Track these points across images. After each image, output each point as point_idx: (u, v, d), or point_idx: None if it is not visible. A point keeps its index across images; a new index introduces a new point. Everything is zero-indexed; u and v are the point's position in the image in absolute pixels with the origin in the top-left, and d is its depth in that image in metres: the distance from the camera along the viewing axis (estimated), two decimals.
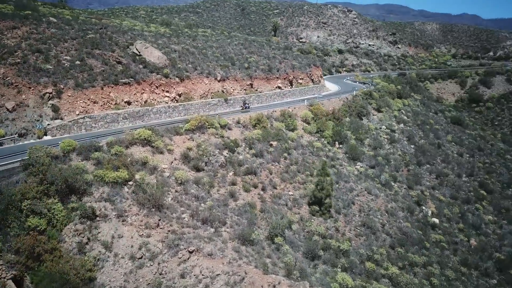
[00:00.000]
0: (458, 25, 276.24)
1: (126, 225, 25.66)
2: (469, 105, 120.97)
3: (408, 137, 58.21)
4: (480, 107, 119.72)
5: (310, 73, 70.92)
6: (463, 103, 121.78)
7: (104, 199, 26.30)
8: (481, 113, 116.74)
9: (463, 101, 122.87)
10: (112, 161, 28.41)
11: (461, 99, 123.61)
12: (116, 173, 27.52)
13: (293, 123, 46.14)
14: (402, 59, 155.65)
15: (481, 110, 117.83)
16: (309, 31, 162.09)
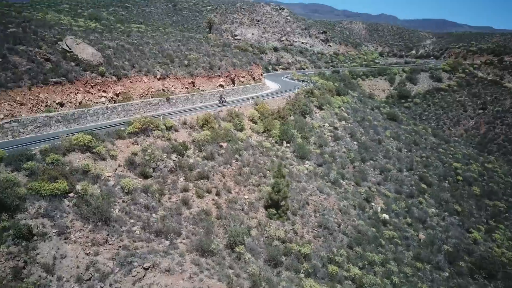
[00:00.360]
0: (382, 24, 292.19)
1: (70, 243, 22.87)
2: (398, 101, 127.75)
3: (351, 134, 59.48)
4: (408, 102, 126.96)
5: (251, 71, 70.17)
6: (393, 99, 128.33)
7: (41, 215, 23.22)
8: (410, 108, 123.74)
9: (393, 97, 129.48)
10: (49, 171, 25.26)
11: (391, 95, 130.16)
12: (54, 185, 24.49)
13: (240, 123, 44.94)
14: (335, 57, 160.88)
15: (410, 105, 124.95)
16: (244, 29, 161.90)
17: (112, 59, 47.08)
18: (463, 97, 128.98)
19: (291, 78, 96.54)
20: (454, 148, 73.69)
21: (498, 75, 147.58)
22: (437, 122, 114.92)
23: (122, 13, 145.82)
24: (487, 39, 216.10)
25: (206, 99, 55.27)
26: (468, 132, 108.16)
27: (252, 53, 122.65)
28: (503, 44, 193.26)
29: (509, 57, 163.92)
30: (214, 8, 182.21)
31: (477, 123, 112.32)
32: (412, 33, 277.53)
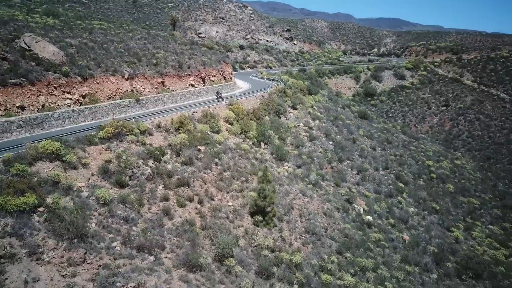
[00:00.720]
0: (344, 23, 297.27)
1: (43, 264, 20.52)
2: (365, 98, 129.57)
3: (325, 133, 59.04)
4: (374, 100, 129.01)
5: (221, 70, 68.42)
6: (360, 97, 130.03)
7: (8, 233, 20.74)
8: (376, 106, 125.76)
9: (359, 95, 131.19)
10: (14, 184, 22.71)
11: (357, 93, 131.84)
12: (21, 199, 22.04)
13: (217, 124, 43.24)
14: (300, 55, 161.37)
15: (376, 103, 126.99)
16: (208, 26, 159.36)
17: (76, 58, 44.12)
18: (426, 95, 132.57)
19: (260, 77, 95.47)
20: (424, 145, 75.04)
21: (457, 73, 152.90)
22: (403, 119, 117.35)
23: (79, 9, 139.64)
24: (444, 38, 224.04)
25: (177, 100, 53.10)
26: (433, 129, 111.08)
27: (218, 51, 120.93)
28: (459, 43, 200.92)
29: (466, 55, 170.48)
30: (176, 5, 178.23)
31: (441, 120, 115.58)
32: (372, 32, 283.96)
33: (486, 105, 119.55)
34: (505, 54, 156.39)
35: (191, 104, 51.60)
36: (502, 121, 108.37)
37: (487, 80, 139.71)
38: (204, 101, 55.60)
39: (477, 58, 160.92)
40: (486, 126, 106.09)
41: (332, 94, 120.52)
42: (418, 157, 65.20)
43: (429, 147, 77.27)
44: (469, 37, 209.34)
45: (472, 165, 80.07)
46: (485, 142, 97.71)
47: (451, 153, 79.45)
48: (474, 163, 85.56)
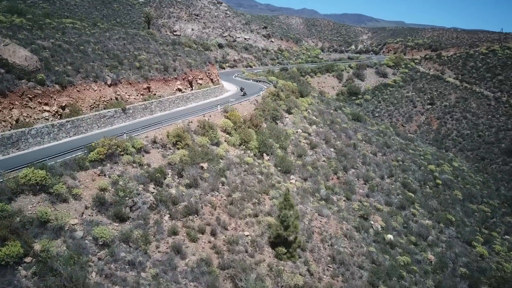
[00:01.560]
0: (319, 20, 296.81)
1: None
2: (349, 97, 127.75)
3: (325, 139, 55.96)
4: (359, 99, 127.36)
5: (208, 72, 64.24)
6: (344, 96, 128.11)
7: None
8: (361, 105, 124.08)
9: (343, 94, 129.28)
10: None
11: (341, 92, 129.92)
12: (2, 250, 17.69)
13: (216, 136, 39.26)
14: (280, 53, 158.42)
15: (361, 102, 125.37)
16: (182, 24, 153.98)
17: (51, 63, 39.16)
18: (410, 93, 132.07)
19: (244, 77, 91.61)
20: (420, 148, 73.26)
21: (438, 70, 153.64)
22: (390, 118, 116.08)
23: (43, 6, 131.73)
24: (420, 35, 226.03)
25: (166, 107, 48.69)
26: (421, 128, 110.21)
27: (197, 50, 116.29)
28: (437, 40, 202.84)
29: (445, 52, 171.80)
30: (147, 1, 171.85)
31: (428, 119, 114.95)
32: (348, 28, 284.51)
33: (471, 103, 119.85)
34: (483, 50, 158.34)
35: (181, 112, 47.31)
36: (489, 119, 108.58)
37: (469, 77, 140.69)
38: (194, 107, 51.42)
39: (456, 55, 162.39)
40: (474, 125, 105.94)
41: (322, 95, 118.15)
42: (419, 161, 63.08)
43: (425, 149, 75.63)
44: (445, 34, 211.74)
45: (467, 166, 78.98)
46: (475, 142, 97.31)
47: (444, 154, 78.01)
48: (469, 164, 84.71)
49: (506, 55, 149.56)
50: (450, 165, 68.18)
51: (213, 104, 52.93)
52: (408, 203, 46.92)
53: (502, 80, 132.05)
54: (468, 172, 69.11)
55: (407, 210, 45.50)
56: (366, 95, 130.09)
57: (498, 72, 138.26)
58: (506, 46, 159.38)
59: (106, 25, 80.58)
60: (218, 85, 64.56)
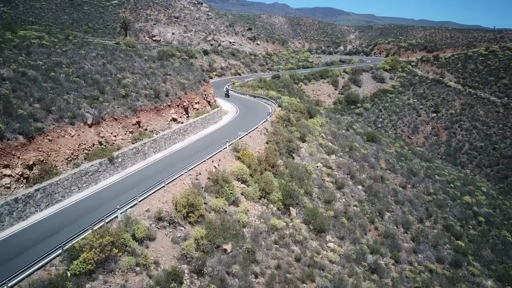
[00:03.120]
0: (303, 18, 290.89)
1: None
2: (348, 106, 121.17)
3: (349, 173, 48.57)
4: (358, 108, 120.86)
5: (205, 94, 55.95)
6: (342, 105, 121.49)
7: None
8: (362, 115, 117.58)
9: (341, 103, 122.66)
10: None
11: (338, 101, 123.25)
12: None
13: (232, 192, 31.23)
14: (268, 58, 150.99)
15: (361, 111, 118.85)
16: (162, 27, 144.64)
17: (12, 102, 30.37)
18: (411, 99, 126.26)
19: (239, 91, 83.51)
20: (444, 171, 66.67)
21: (437, 73, 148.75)
22: (394, 129, 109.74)
23: (4, 10, 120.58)
24: (411, 34, 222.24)
25: (161, 146, 40.30)
26: (429, 140, 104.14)
27: (181, 58, 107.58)
28: (431, 39, 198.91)
29: (442, 53, 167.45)
30: (121, 2, 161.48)
31: (434, 129, 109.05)
32: (333, 27, 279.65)
33: (479, 110, 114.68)
34: (483, 51, 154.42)
35: (181, 153, 39.05)
36: (501, 128, 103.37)
37: (471, 81, 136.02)
38: (195, 143, 43.15)
39: (454, 56, 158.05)
40: (486, 136, 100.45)
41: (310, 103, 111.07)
42: (451, 192, 56.29)
43: (448, 170, 69.22)
44: (438, 33, 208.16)
45: (493, 188, 72.92)
46: (492, 156, 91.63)
47: (472, 178, 71.64)
48: (492, 183, 78.78)
49: (507, 56, 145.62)
50: (481, 192, 61.76)
51: (217, 137, 44.81)
52: (461, 257, 39.73)
53: (507, 84, 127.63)
54: (500, 198, 62.91)
55: (464, 270, 38.28)
56: (366, 103, 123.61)
57: (502, 75, 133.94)
58: (505, 46, 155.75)
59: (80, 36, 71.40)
60: (216, 108, 56.31)
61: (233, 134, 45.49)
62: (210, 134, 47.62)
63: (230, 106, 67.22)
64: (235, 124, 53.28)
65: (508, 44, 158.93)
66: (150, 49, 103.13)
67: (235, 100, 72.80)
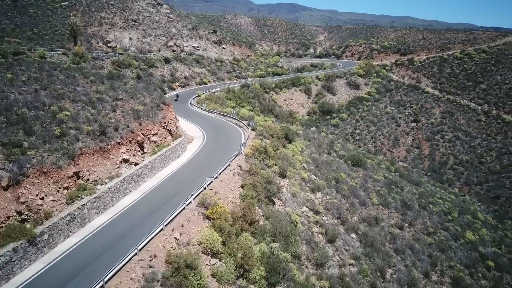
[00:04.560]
0: (270, 19, 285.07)
1: None
2: (323, 117, 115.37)
3: (340, 217, 41.94)
4: (334, 118, 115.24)
5: (164, 121, 47.95)
6: (316, 116, 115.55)
7: None
8: (338, 126, 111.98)
9: (315, 113, 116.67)
10: None
11: (312, 111, 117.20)
12: None
13: (200, 282, 23.59)
14: (236, 64, 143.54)
15: (337, 122, 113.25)
16: (118, 32, 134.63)
17: None
18: (389, 107, 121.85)
19: (206, 109, 75.72)
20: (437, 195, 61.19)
21: (413, 78, 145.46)
22: (373, 142, 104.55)
23: None
24: (383, 35, 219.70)
25: (106, 203, 32.10)
26: (411, 153, 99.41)
27: (139, 68, 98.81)
28: (403, 41, 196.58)
29: (416, 56, 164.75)
30: (72, 4, 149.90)
31: (416, 140, 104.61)
32: (302, 28, 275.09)
33: (459, 119, 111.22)
34: (458, 54, 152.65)
35: (132, 213, 31.04)
36: (484, 139, 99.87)
37: (449, 86, 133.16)
38: (151, 192, 35.16)
39: (429, 59, 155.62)
40: (470, 148, 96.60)
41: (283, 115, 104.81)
42: (450, 228, 50.58)
43: (439, 193, 63.99)
44: (410, 34, 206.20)
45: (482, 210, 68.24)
46: (480, 171, 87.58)
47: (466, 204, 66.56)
48: (485, 205, 74.32)
49: (484, 59, 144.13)
50: (479, 222, 56.63)
51: (179, 182, 37.04)
52: None
53: (486, 89, 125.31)
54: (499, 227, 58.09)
55: None
56: (341, 113, 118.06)
57: (479, 79, 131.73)
58: (480, 49, 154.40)
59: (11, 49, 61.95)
60: (179, 139, 48.33)
61: (200, 174, 38.20)
62: (171, 176, 39.72)
63: (196, 129, 59.44)
64: (201, 159, 45.63)
65: (482, 46, 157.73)
66: (103, 59, 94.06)
67: (201, 121, 65.03)
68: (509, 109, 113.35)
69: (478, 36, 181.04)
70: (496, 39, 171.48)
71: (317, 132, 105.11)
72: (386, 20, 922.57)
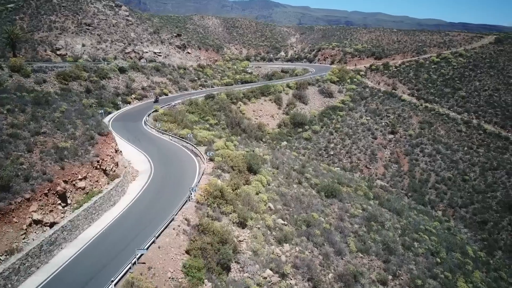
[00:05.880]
0: (239, 20, 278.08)
1: None
2: (294, 130, 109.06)
3: (310, 278, 35.19)
4: (306, 131, 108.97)
5: (97, 159, 40.07)
6: (288, 128, 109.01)
7: None
8: (311, 140, 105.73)
9: (286, 125, 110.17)
10: None
11: (283, 123, 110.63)
12: None
13: None
14: (201, 71, 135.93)
15: (309, 135, 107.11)
16: (69, 38, 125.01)
17: None
18: (364, 117, 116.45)
19: (161, 130, 68.03)
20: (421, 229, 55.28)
21: (389, 84, 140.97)
22: (349, 157, 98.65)
23: None
24: (356, 37, 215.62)
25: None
26: (389, 170, 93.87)
27: (89, 81, 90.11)
28: (377, 44, 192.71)
29: (392, 60, 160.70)
30: (19, 6, 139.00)
31: (393, 154, 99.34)
32: (272, 29, 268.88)
33: (439, 129, 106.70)
34: (434, 58, 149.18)
35: None
36: (467, 152, 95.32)
37: (426, 93, 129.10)
38: (68, 266, 27.38)
39: (405, 64, 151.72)
40: (452, 163, 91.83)
41: (251, 131, 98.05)
42: (440, 275, 44.51)
43: (425, 224, 58.23)
44: (384, 36, 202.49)
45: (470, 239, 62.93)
46: (464, 191, 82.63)
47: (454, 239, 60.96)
48: (471, 233, 69.17)
49: (461, 64, 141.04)
50: (470, 260, 51.05)
51: (106, 251, 29.39)
52: None
53: (465, 96, 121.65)
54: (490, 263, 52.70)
55: None
56: (314, 124, 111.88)
57: (458, 86, 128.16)
58: (457, 52, 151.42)
59: None
60: (116, 180, 40.55)
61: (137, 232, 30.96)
62: (99, 238, 31.92)
63: (143, 160, 51.70)
64: (143, 207, 37.97)
65: (459, 50, 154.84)
66: (46, 71, 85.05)
67: (152, 147, 57.27)
68: (489, 118, 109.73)
69: (454, 38, 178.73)
70: (472, 41, 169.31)
71: (288, 149, 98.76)
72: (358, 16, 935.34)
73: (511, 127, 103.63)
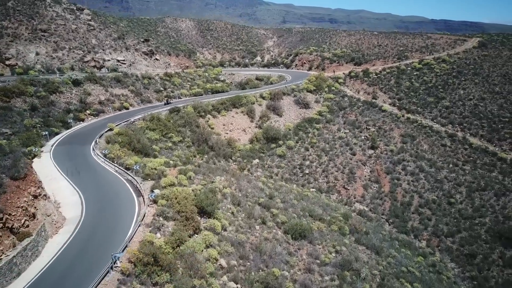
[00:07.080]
0: (214, 22, 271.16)
1: None
2: (267, 145, 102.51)
3: None
4: (280, 147, 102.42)
5: (0, 215, 32.68)
6: (260, 144, 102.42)
7: None
8: (285, 156, 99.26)
9: (259, 141, 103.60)
10: None
11: (256, 138, 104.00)
12: None
13: None
14: (167, 81, 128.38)
15: (284, 152, 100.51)
16: (22, 46, 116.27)
17: None
18: (343, 130, 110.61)
19: (108, 159, 60.58)
20: (404, 271, 49.20)
21: (369, 92, 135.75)
22: (325, 176, 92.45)
23: None
24: (335, 40, 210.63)
25: None
26: (369, 190, 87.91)
27: (35, 96, 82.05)
28: (356, 48, 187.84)
29: (372, 67, 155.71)
30: None
31: (373, 172, 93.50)
32: (248, 31, 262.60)
33: (422, 144, 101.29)
34: (417, 65, 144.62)
35: None
36: (452, 170, 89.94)
37: (408, 103, 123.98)
38: None
39: (386, 71, 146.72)
40: (436, 182, 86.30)
41: (221, 146, 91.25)
42: None
43: (406, 265, 52.10)
44: (364, 40, 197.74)
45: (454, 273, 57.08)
46: (449, 216, 76.99)
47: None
48: (458, 269, 63.37)
49: (444, 70, 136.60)
50: None
51: None
52: None
53: (449, 106, 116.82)
54: None
55: None
56: (289, 139, 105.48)
57: (441, 95, 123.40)
58: (440, 57, 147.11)
59: None
60: (25, 240, 33.17)
61: None
62: None
63: (76, 203, 44.31)
64: (54, 280, 30.72)
65: (442, 55, 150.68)
66: None
67: (91, 184, 49.91)
68: (475, 130, 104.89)
69: (436, 42, 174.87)
70: (455, 45, 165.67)
71: (260, 169, 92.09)
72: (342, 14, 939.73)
73: (498, 141, 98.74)
